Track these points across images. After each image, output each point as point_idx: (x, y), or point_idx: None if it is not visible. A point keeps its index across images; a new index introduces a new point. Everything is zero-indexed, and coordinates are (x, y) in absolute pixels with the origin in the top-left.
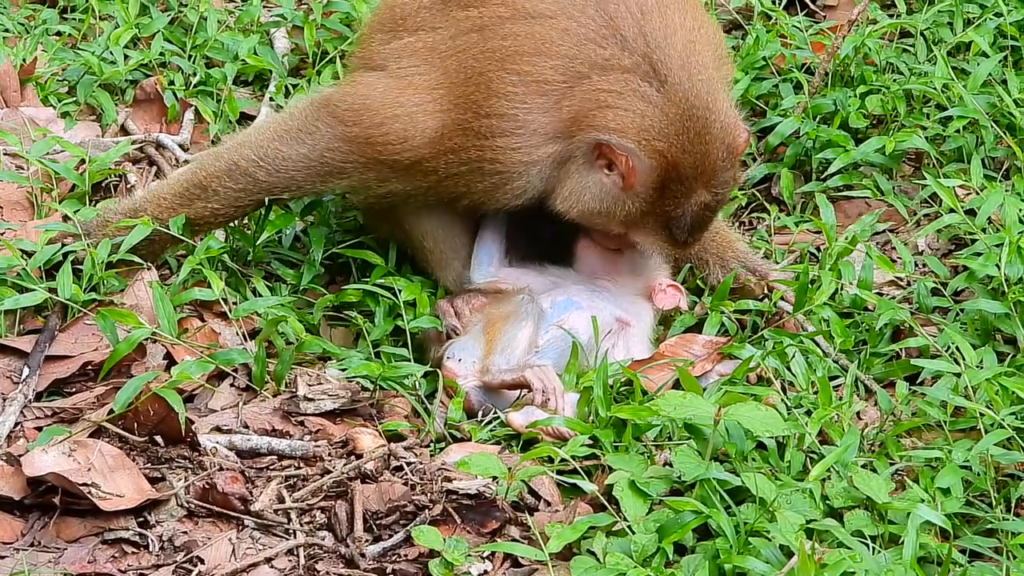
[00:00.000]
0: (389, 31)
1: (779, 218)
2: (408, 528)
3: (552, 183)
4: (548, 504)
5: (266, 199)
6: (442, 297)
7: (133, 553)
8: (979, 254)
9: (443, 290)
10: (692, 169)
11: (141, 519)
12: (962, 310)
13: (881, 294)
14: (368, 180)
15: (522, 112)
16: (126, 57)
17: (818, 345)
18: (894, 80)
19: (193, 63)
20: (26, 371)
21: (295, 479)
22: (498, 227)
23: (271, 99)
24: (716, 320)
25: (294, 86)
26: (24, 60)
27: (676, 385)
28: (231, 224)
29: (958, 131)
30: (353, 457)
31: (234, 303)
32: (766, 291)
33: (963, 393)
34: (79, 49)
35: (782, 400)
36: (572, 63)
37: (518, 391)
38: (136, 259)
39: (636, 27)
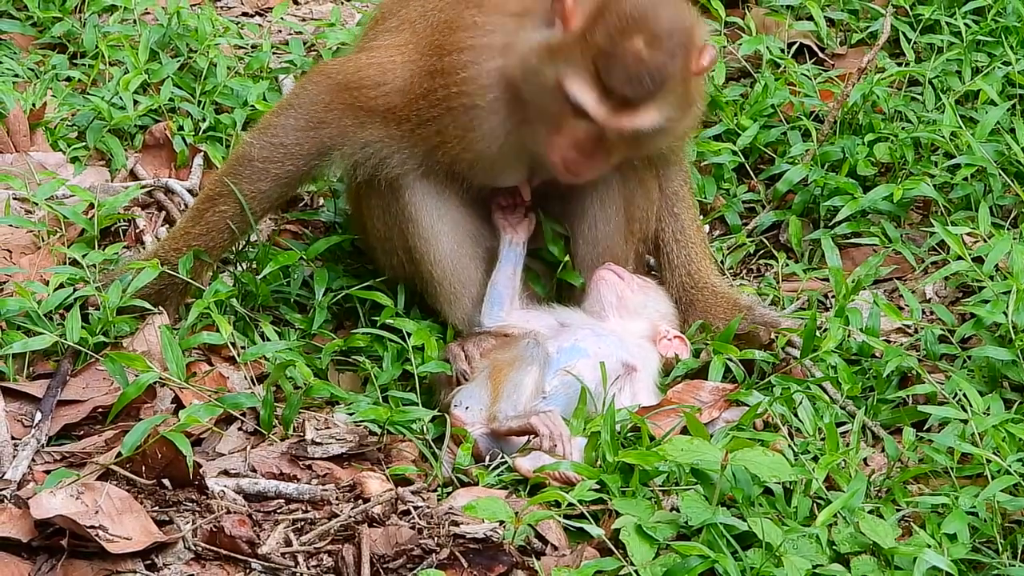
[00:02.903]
0: (370, 30)
1: (787, 265)
2: (415, 572)
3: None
4: (555, 548)
5: (271, 191)
6: (451, 339)
7: None
8: (986, 301)
9: (451, 330)
10: (633, 7)
11: (148, 562)
12: (969, 357)
13: (889, 341)
14: (347, 127)
15: (481, 39)
16: (136, 102)
17: (825, 391)
18: (902, 128)
19: (202, 109)
20: (38, 416)
21: (302, 523)
22: (511, 271)
23: None
24: (720, 364)
25: None
26: (34, 105)
27: (684, 431)
28: (239, 267)
29: (966, 179)
30: (360, 501)
31: (242, 347)
32: (772, 337)
33: (970, 440)
34: (89, 94)
35: (789, 446)
36: None
37: (526, 436)
38: (146, 304)
39: None
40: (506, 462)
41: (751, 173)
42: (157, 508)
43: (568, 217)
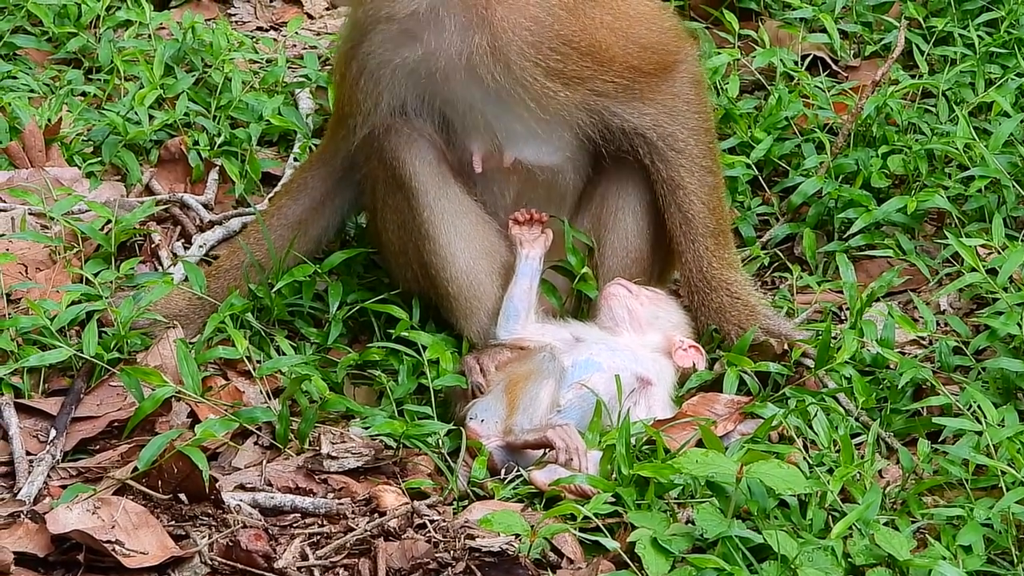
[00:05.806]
0: None
1: (801, 277)
2: None
3: None
4: (571, 561)
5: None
6: (467, 352)
7: None
8: (1000, 313)
9: (467, 343)
10: None
11: None
12: (984, 369)
13: (903, 353)
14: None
15: None
16: (151, 117)
17: (840, 403)
18: (916, 140)
19: (218, 123)
20: (53, 432)
21: (318, 536)
22: (527, 285)
23: (295, 159)
24: (734, 376)
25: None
26: (49, 120)
27: (699, 444)
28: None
29: (980, 191)
30: (376, 515)
31: (258, 361)
32: (786, 348)
33: (985, 451)
34: (104, 109)
35: (804, 458)
36: None
37: (541, 450)
38: (159, 317)
39: None
40: (522, 475)
41: (765, 186)
42: (173, 522)
43: (597, 228)
